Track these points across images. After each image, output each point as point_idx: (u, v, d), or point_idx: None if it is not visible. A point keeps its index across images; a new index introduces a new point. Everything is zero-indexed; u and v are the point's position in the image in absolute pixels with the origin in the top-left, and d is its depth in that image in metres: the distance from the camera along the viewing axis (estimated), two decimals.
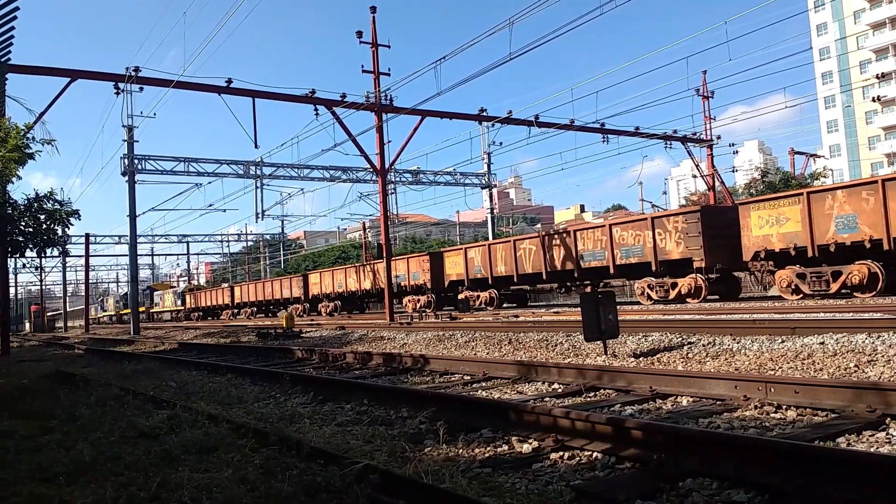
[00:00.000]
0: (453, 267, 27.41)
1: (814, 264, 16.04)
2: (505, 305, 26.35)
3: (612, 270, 20.81)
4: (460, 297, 26.62)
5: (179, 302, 58.45)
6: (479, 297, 26.10)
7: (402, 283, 29.19)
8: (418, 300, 28.60)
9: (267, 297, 42.68)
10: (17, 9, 12.87)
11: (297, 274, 43.06)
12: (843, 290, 15.44)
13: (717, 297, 19.48)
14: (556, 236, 22.85)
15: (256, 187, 33.20)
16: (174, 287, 68.28)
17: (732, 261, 17.99)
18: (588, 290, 22.48)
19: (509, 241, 25.17)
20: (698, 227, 18.15)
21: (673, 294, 18.90)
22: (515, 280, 24.26)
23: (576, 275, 22.15)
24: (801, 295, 16.18)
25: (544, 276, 23.10)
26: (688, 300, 18.39)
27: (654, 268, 19.35)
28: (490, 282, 25.40)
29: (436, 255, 28.62)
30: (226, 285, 53.78)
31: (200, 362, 11.71)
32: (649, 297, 19.64)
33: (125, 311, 68.18)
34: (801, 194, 16.35)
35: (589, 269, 21.62)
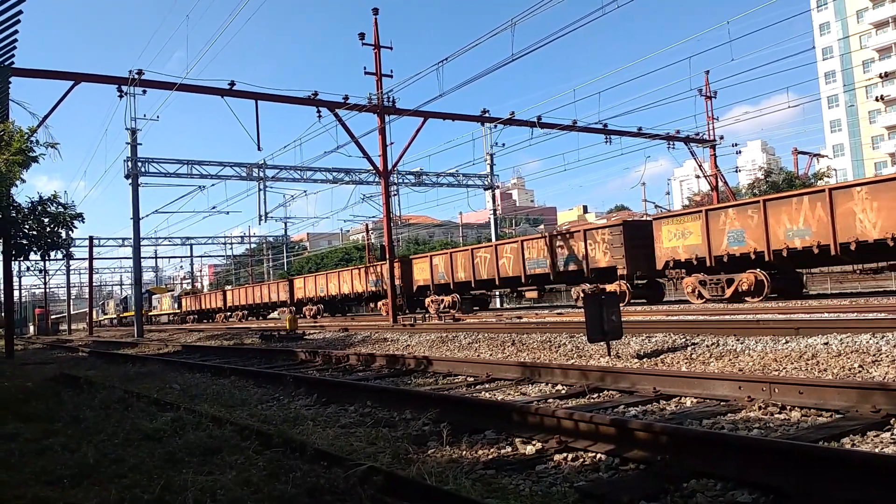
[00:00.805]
0: (420, 273, 29.19)
1: (713, 272, 18.17)
2: (475, 309, 28.02)
3: (552, 277, 22.84)
4: (427, 301, 28.55)
5: (176, 305, 59.85)
6: (442, 300, 27.58)
7: (376, 289, 31.73)
8: (387, 303, 30.19)
9: (256, 300, 44.18)
10: (20, 12, 12.91)
11: (283, 279, 44.55)
12: (735, 295, 17.42)
13: (643, 300, 21.30)
14: (506, 246, 24.89)
15: (259, 189, 33.21)
16: (171, 291, 69.28)
17: (650, 269, 20.09)
18: (534, 294, 24.87)
19: (467, 249, 27.08)
20: (621, 239, 20.32)
21: (576, 297, 21.52)
22: (473, 285, 26.27)
23: (522, 280, 24.08)
24: (704, 299, 18.34)
25: (497, 282, 25.17)
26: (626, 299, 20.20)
27: (586, 274, 21.41)
28: (452, 287, 27.16)
29: (405, 261, 30.44)
30: (219, 289, 55.64)
31: (204, 364, 11.72)
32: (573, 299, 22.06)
33: (125, 314, 69.59)
34: (701, 211, 18.72)
35: (534, 276, 23.52)
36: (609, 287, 20.28)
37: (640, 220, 22.79)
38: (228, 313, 48.52)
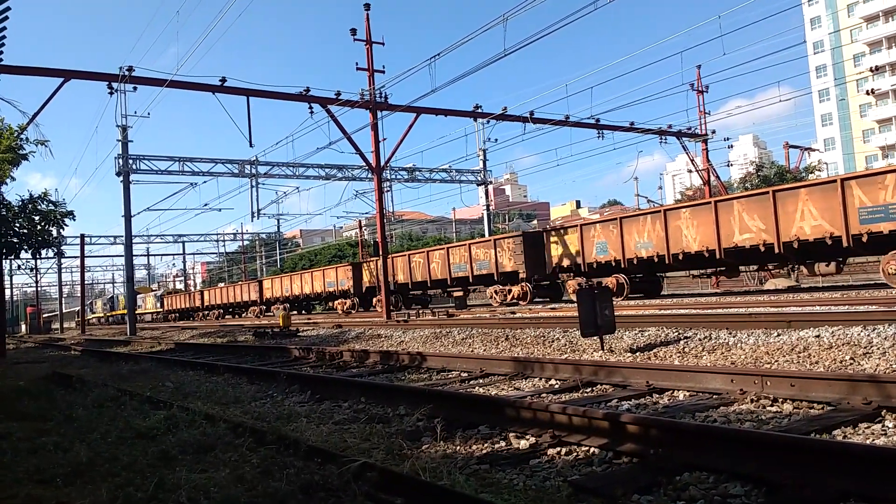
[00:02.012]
0: (369, 275, 32.49)
1: (588, 276, 21.74)
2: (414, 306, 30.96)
3: (471, 279, 26.11)
4: (375, 300, 31.42)
5: (159, 304, 62.21)
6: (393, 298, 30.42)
7: (333, 289, 34.81)
8: (345, 303, 34.04)
9: (230, 300, 47.04)
10: (8, 9, 12.81)
11: (254, 280, 48.12)
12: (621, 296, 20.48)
13: (547, 299, 24.51)
14: (435, 252, 27.95)
15: (252, 186, 33.20)
16: (155, 291, 71.44)
17: (543, 272, 23.34)
18: (460, 293, 28.08)
19: (405, 255, 30.27)
20: (521, 247, 23.50)
21: (509, 298, 24.02)
22: (410, 286, 29.45)
23: (448, 282, 27.28)
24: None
25: (429, 284, 28.39)
26: (520, 302, 23.38)
27: (496, 277, 24.62)
28: (394, 287, 29.54)
29: (356, 266, 34.08)
30: (197, 290, 59.29)
31: (197, 362, 11.69)
32: (495, 300, 24.64)
33: (111, 314, 71.18)
34: (577, 226, 22.46)
35: (457, 278, 26.82)
36: (514, 288, 23.79)
37: (536, 231, 26.02)
38: (206, 312, 51.16)
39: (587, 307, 8.80)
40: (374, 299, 31.26)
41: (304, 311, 39.69)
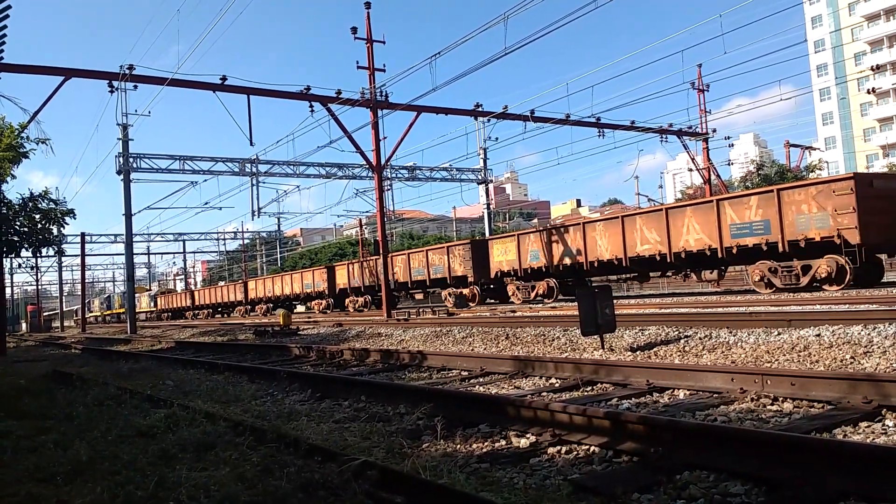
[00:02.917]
0: (341, 278, 35.33)
1: (525, 280, 24.31)
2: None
3: (427, 283, 28.82)
4: (346, 301, 34.78)
5: (153, 304, 64.36)
6: (357, 300, 33.88)
7: (310, 290, 37.74)
8: (321, 303, 37.35)
9: (219, 300, 49.71)
10: (9, 7, 12.81)
11: (240, 282, 50.62)
12: (536, 297, 23.57)
13: (496, 301, 26.46)
14: (398, 258, 30.61)
15: (252, 185, 33.11)
16: (148, 291, 73.09)
17: (488, 277, 25.86)
18: (421, 296, 30.59)
19: (371, 259, 32.86)
20: (470, 254, 26.14)
21: (447, 300, 27.37)
22: (377, 288, 30.99)
23: (409, 285, 30.08)
24: (521, 300, 24.11)
25: (394, 286, 29.95)
26: (470, 303, 26.10)
27: (448, 281, 27.28)
28: (361, 289, 33.17)
29: (330, 269, 36.93)
30: (188, 290, 62.42)
31: (198, 361, 11.69)
32: (449, 301, 27.31)
33: (107, 312, 72.69)
34: (514, 236, 25.06)
35: (416, 281, 29.45)
36: (465, 291, 26.68)
37: (483, 239, 28.36)
38: (196, 311, 53.80)
39: (587, 306, 8.79)
40: (346, 300, 34.67)
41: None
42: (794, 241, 16.04)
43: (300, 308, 42.69)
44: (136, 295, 65.38)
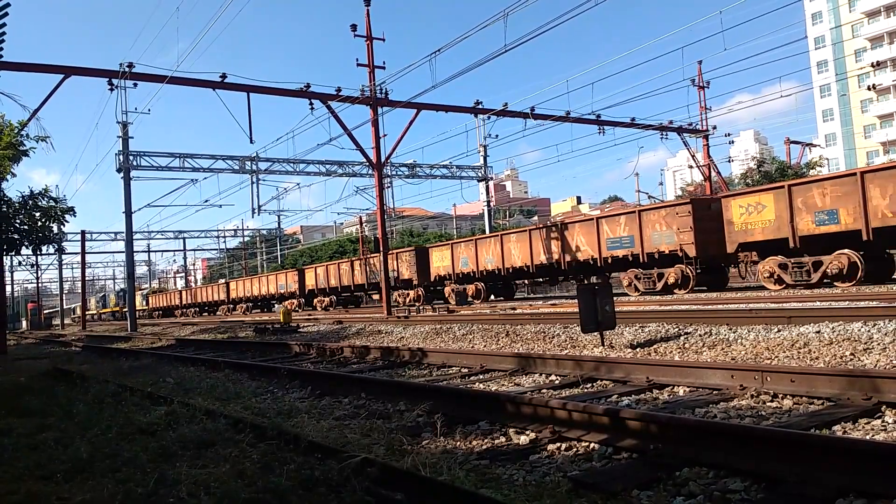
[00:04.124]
0: (310, 280, 38.19)
1: (458, 283, 27.25)
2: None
3: (396, 283, 30.62)
4: (315, 301, 37.89)
5: (145, 302, 66.68)
6: (324, 300, 37.15)
7: (283, 291, 40.74)
8: (293, 302, 39.47)
9: (204, 299, 52.66)
10: (8, 4, 12.78)
11: (222, 281, 54.28)
12: (469, 298, 26.18)
13: (442, 302, 28.40)
14: (356, 262, 34.09)
15: (252, 182, 33.09)
16: (141, 291, 74.52)
17: (430, 280, 28.82)
18: (377, 296, 32.82)
19: (335, 263, 37.21)
20: (414, 259, 29.27)
21: (409, 299, 29.93)
22: (339, 290, 35.70)
23: (366, 286, 33.28)
24: (455, 301, 26.11)
25: (353, 288, 34.51)
26: (415, 303, 28.45)
27: (395, 284, 29.43)
28: (327, 290, 36.90)
29: (301, 271, 40.00)
30: (176, 290, 66.93)
31: (198, 358, 11.70)
32: (398, 301, 29.97)
33: (103, 311, 75.94)
34: (448, 245, 28.19)
35: (372, 284, 32.34)
36: (410, 293, 29.76)
37: (424, 247, 30.93)
38: (184, 309, 56.80)
39: (587, 303, 8.79)
40: (315, 300, 37.93)
41: (264, 310, 45.27)
42: (651, 253, 19.33)
43: (277, 307, 43.76)
44: None
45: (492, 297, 26.65)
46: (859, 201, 14.80)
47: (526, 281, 26.58)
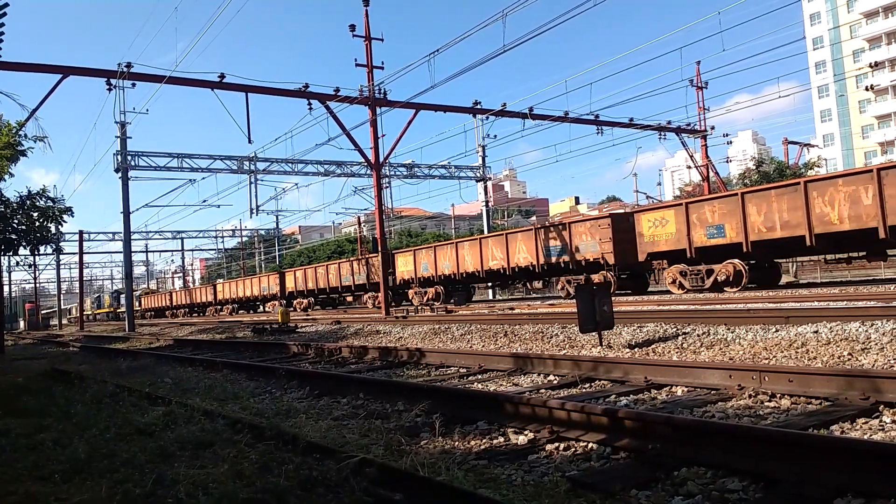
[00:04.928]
0: (290, 282, 39.76)
1: (420, 286, 28.94)
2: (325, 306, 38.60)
3: (353, 288, 34.12)
4: (294, 302, 38.92)
5: (138, 303, 66.73)
6: (303, 302, 38.57)
7: (266, 293, 42.26)
8: (275, 304, 40.48)
9: (192, 300, 54.35)
10: (6, 5, 12.76)
11: (209, 284, 56.36)
12: (430, 300, 27.65)
13: (394, 304, 29.30)
14: (330, 266, 36.35)
15: (250, 182, 33.03)
16: (135, 291, 74.12)
17: (400, 282, 30.15)
18: (350, 298, 36.47)
19: (312, 267, 39.02)
20: (366, 266, 31.85)
21: (378, 301, 29.77)
22: (316, 292, 37.25)
23: (339, 289, 35.41)
24: (420, 302, 27.91)
25: (328, 290, 36.23)
26: (368, 304, 31.55)
27: (366, 287, 32.29)
28: (305, 293, 38.35)
29: (282, 274, 41.39)
30: (167, 291, 68.92)
31: (196, 358, 11.69)
32: (368, 303, 32.02)
33: (97, 311, 76.19)
34: (411, 251, 29.82)
35: (345, 286, 34.68)
36: (366, 296, 32.28)
37: (390, 252, 31.78)
38: (174, 310, 58.22)
39: (586, 303, 8.80)
40: (294, 301, 39.14)
41: (250, 311, 46.80)
42: (579, 260, 21.32)
43: (267, 308, 44.75)
44: (123, 295, 66.13)
45: (452, 299, 28.02)
46: (741, 218, 16.75)
47: (479, 285, 28.46)
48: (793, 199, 15.74)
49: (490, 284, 30.64)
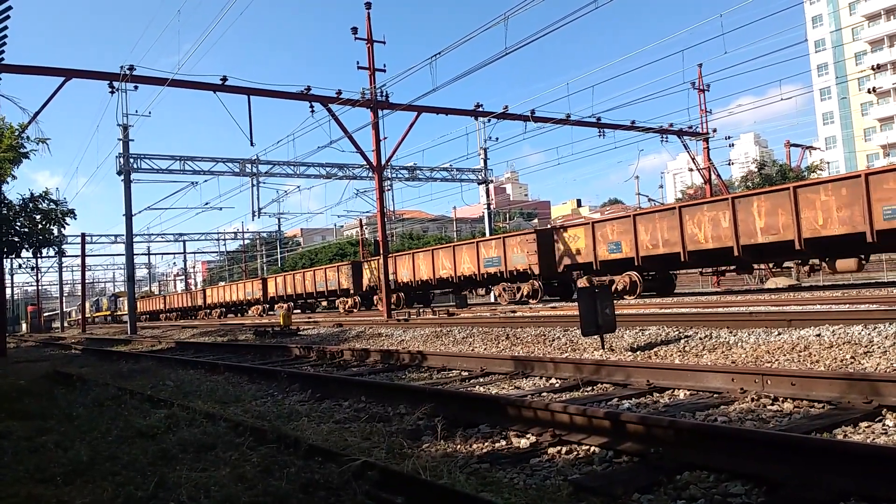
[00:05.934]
0: (272, 288, 42.33)
1: (407, 291, 30.43)
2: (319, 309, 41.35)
3: (326, 294, 36.62)
4: (276, 306, 40.60)
5: None
6: (283, 306, 39.03)
7: (250, 298, 44.44)
8: (258, 308, 43.16)
9: (186, 304, 56.74)
10: (10, 8, 12.79)
11: (200, 289, 58.95)
12: (393, 306, 27.51)
13: (363, 308, 33.29)
14: (306, 273, 38.86)
15: (252, 185, 33.06)
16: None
17: (367, 289, 32.86)
18: (325, 303, 39.56)
19: (290, 273, 41.49)
20: (351, 271, 33.81)
21: (348, 307, 34.43)
22: (294, 297, 39.61)
23: (314, 294, 37.62)
24: (381, 308, 27.97)
25: (315, 295, 38.16)
26: (353, 310, 33.47)
27: (338, 293, 35.08)
28: (285, 297, 40.42)
29: (265, 280, 43.82)
30: (161, 295, 70.62)
31: (198, 361, 11.69)
32: (341, 307, 34.85)
33: (97, 314, 77.05)
34: (376, 260, 29.30)
35: (319, 292, 37.11)
36: (349, 301, 34.37)
37: (359, 261, 35.63)
38: (168, 313, 60.47)
39: (588, 306, 8.78)
40: (276, 305, 41.06)
41: (237, 314, 48.63)
42: (511, 270, 23.77)
43: (250, 312, 46.17)
44: (122, 299, 66.28)
45: (415, 304, 30.66)
46: (633, 236, 19.57)
47: (470, 290, 29.89)
48: (671, 221, 18.49)
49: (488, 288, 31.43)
